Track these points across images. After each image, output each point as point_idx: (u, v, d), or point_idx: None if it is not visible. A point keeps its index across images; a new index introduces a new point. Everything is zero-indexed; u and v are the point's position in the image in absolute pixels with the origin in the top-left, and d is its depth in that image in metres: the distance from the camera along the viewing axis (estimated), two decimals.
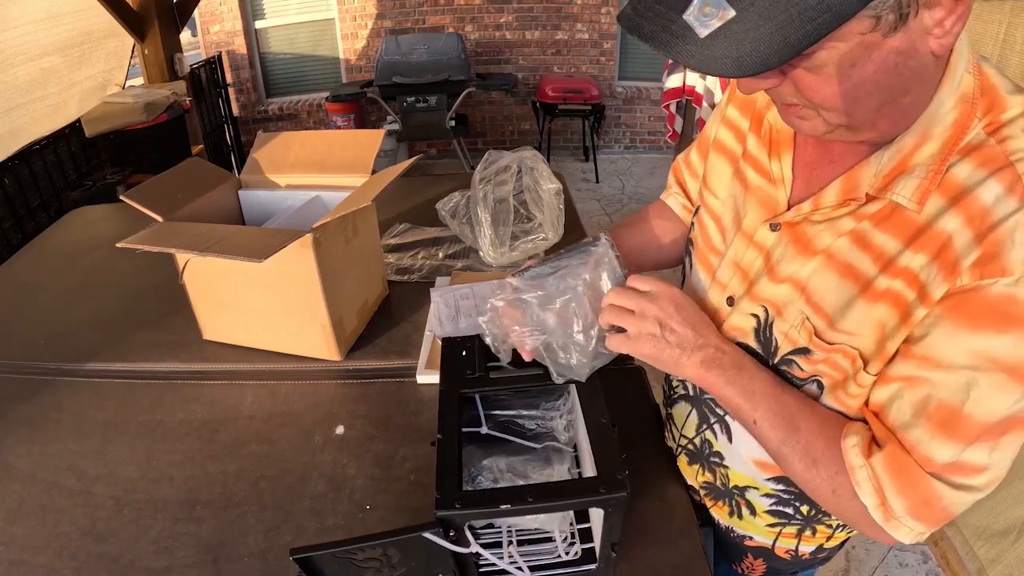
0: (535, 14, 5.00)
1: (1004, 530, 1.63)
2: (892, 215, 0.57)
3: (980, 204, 0.52)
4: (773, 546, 0.86)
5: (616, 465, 0.64)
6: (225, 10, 4.81)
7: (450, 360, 0.81)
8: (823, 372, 0.65)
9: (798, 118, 0.58)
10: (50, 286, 1.38)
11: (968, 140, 0.54)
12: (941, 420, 0.55)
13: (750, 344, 0.71)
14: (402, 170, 1.06)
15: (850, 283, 0.60)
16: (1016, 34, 1.46)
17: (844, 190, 0.60)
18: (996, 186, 0.51)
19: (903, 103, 0.53)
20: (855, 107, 0.52)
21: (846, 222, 0.61)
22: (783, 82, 0.53)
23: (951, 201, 0.53)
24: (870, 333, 0.59)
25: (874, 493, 0.59)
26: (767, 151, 0.70)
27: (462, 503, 0.61)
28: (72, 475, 0.90)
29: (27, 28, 2.55)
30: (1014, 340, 0.51)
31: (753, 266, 0.70)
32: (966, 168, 0.53)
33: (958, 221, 0.53)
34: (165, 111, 3.20)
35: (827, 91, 0.51)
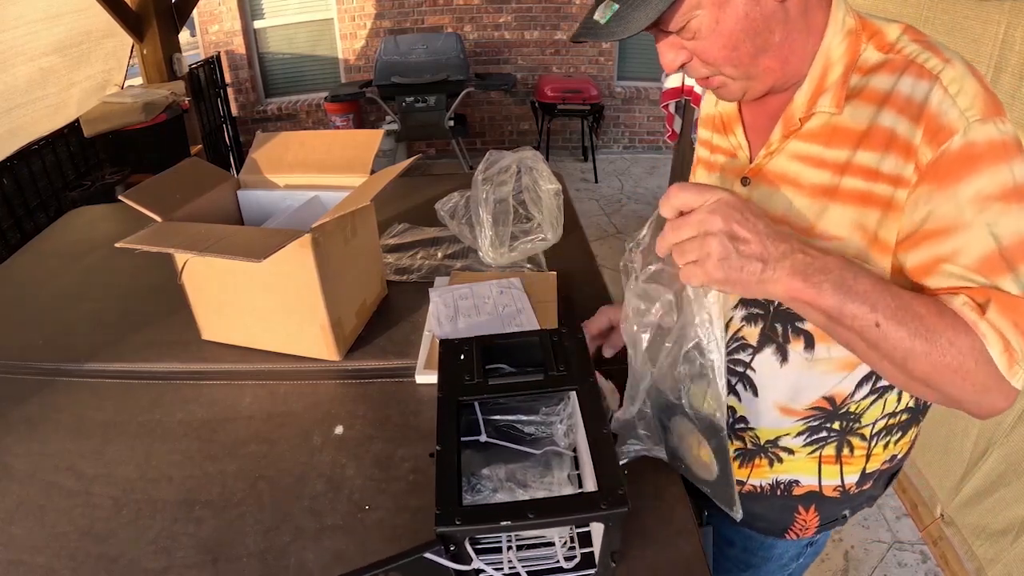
0: (534, 14, 5.00)
1: (1003, 529, 1.63)
2: (829, 131, 0.69)
3: (902, 96, 0.64)
4: (820, 486, 0.88)
5: (617, 479, 0.64)
6: (224, 10, 4.81)
7: (448, 365, 0.81)
8: None
9: (715, 87, 0.73)
10: (49, 286, 1.38)
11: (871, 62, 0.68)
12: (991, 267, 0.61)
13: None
14: (401, 170, 1.06)
15: (819, 197, 0.70)
16: (1015, 34, 1.47)
17: (784, 124, 0.73)
18: (908, 79, 0.65)
19: (776, 43, 0.67)
20: (737, 55, 0.67)
21: (794, 145, 0.73)
22: (691, 58, 0.69)
23: (880, 103, 0.66)
24: (851, 234, 0.68)
25: (998, 339, 0.60)
26: (725, 134, 0.84)
27: (462, 519, 0.61)
28: (71, 475, 0.90)
29: (26, 28, 2.54)
30: (988, 175, 0.61)
31: None
32: (880, 78, 0.67)
33: (891, 115, 0.65)
34: (164, 111, 3.20)
35: (713, 49, 0.67)
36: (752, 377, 0.83)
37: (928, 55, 0.65)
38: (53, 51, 2.79)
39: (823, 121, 0.70)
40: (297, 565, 0.77)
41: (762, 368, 0.82)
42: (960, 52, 0.67)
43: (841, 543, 1.96)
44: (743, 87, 0.71)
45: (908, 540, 1.97)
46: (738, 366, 0.84)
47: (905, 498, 2.06)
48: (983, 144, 0.61)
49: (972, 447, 1.72)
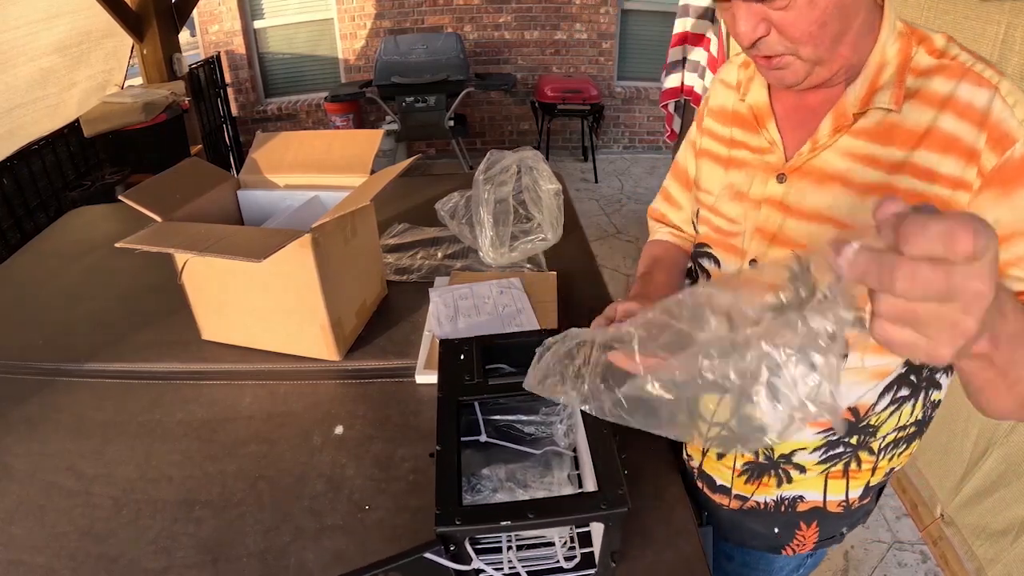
0: (534, 14, 5.00)
1: (1003, 529, 1.63)
2: (884, 128, 0.68)
3: (964, 101, 0.65)
4: (825, 502, 0.87)
5: (617, 480, 0.64)
6: (224, 10, 4.80)
7: (448, 365, 0.81)
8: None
9: (779, 68, 0.69)
10: (49, 286, 1.38)
11: (924, 65, 0.68)
12: None
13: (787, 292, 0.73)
14: (401, 170, 1.06)
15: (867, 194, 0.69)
16: (1015, 34, 1.47)
17: (835, 119, 0.71)
18: (967, 86, 0.65)
19: (855, 29, 0.66)
20: (822, 34, 0.64)
21: (845, 141, 0.71)
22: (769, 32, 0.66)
23: (940, 107, 0.66)
24: None
25: None
26: (752, 131, 0.80)
27: (462, 519, 0.61)
28: (71, 475, 0.90)
29: (26, 28, 2.54)
30: None
31: (769, 221, 0.77)
32: (938, 81, 0.66)
33: (953, 119, 0.65)
34: (164, 111, 3.20)
35: (801, 24, 0.64)
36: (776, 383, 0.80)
37: (983, 66, 0.66)
38: (53, 51, 2.79)
39: (878, 119, 0.69)
40: (297, 565, 0.77)
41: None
42: None
43: (841, 543, 1.96)
44: (808, 71, 0.68)
45: (908, 540, 1.97)
46: None
47: (905, 498, 2.06)
48: None
49: (972, 447, 1.72)
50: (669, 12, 3.61)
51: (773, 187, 0.76)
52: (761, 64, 0.71)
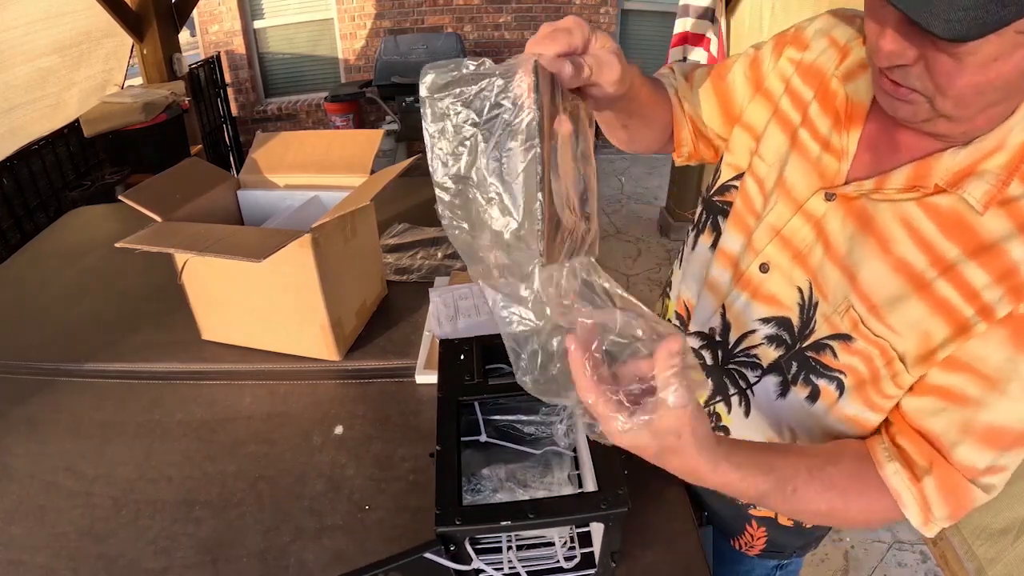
0: (534, 14, 5.00)
1: (1003, 529, 1.63)
2: (955, 219, 0.59)
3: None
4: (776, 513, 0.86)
5: (617, 480, 0.64)
6: (224, 10, 4.81)
7: (448, 365, 0.81)
8: (853, 367, 0.65)
9: (902, 100, 0.57)
10: (49, 286, 1.38)
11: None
12: (986, 436, 0.59)
13: (791, 317, 0.70)
14: (401, 170, 1.06)
15: (903, 279, 0.61)
16: None
17: (914, 176, 0.61)
18: None
19: (1012, 105, 0.56)
20: (976, 100, 0.54)
21: (909, 207, 0.62)
22: (914, 64, 0.54)
23: (1020, 227, 0.56)
24: (915, 337, 0.61)
25: (920, 512, 0.62)
26: (831, 121, 0.70)
27: (462, 519, 0.61)
28: (70, 475, 0.90)
29: (26, 28, 2.54)
30: None
31: (798, 235, 0.70)
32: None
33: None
34: (164, 111, 3.20)
35: (960, 79, 0.52)
36: (750, 397, 0.77)
37: None
38: (53, 51, 2.79)
39: (953, 203, 0.59)
40: (297, 565, 0.77)
41: (760, 394, 0.76)
42: None
43: (841, 543, 1.96)
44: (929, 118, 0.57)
45: (908, 540, 1.97)
46: (741, 380, 0.78)
47: None
48: None
49: None
50: (669, 12, 3.61)
51: (818, 202, 0.68)
52: (883, 84, 0.59)
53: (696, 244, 0.85)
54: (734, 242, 0.77)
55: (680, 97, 0.85)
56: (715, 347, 0.80)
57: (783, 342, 0.72)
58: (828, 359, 0.67)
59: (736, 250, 0.76)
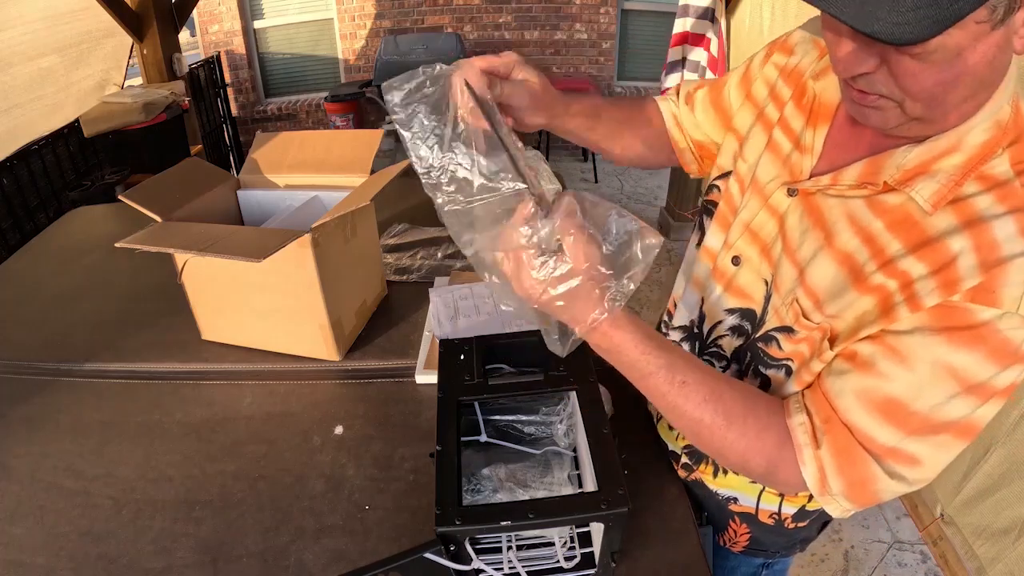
0: (534, 14, 5.00)
1: (1004, 529, 1.63)
2: (902, 217, 0.59)
3: (991, 236, 0.54)
4: (757, 508, 0.87)
5: (617, 480, 0.64)
6: (224, 10, 4.80)
7: (448, 365, 0.81)
8: (798, 353, 0.67)
9: (871, 107, 0.57)
10: (49, 286, 1.38)
11: (995, 174, 0.56)
12: (886, 409, 0.57)
13: (755, 309, 0.72)
14: (401, 170, 1.06)
15: (844, 271, 0.62)
16: None
17: (865, 172, 0.62)
18: (1011, 225, 0.53)
19: (979, 99, 0.55)
20: (946, 97, 0.53)
21: (856, 204, 0.62)
22: (879, 69, 0.53)
23: (964, 224, 0.55)
24: (850, 318, 0.62)
25: (816, 472, 0.61)
26: (804, 119, 0.71)
27: (462, 519, 0.61)
28: (70, 475, 0.90)
29: (25, 28, 2.54)
30: (979, 361, 0.54)
31: (764, 229, 0.72)
32: (987, 200, 0.55)
33: (967, 244, 0.54)
34: (164, 111, 3.19)
35: (927, 79, 0.51)
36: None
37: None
38: (52, 51, 2.79)
39: (903, 202, 0.59)
40: (297, 565, 0.77)
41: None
42: None
43: (841, 543, 1.96)
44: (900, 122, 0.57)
45: (908, 540, 1.97)
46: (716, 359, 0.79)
47: (905, 498, 2.06)
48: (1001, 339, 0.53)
49: (973, 446, 1.72)
50: (669, 12, 3.61)
51: (781, 197, 0.69)
52: (850, 94, 0.58)
53: (690, 245, 0.88)
54: (715, 239, 0.79)
55: (680, 123, 0.91)
56: (693, 339, 0.83)
57: (744, 332, 0.74)
58: (774, 350, 0.69)
59: (716, 246, 0.79)
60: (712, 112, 0.87)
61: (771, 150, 0.74)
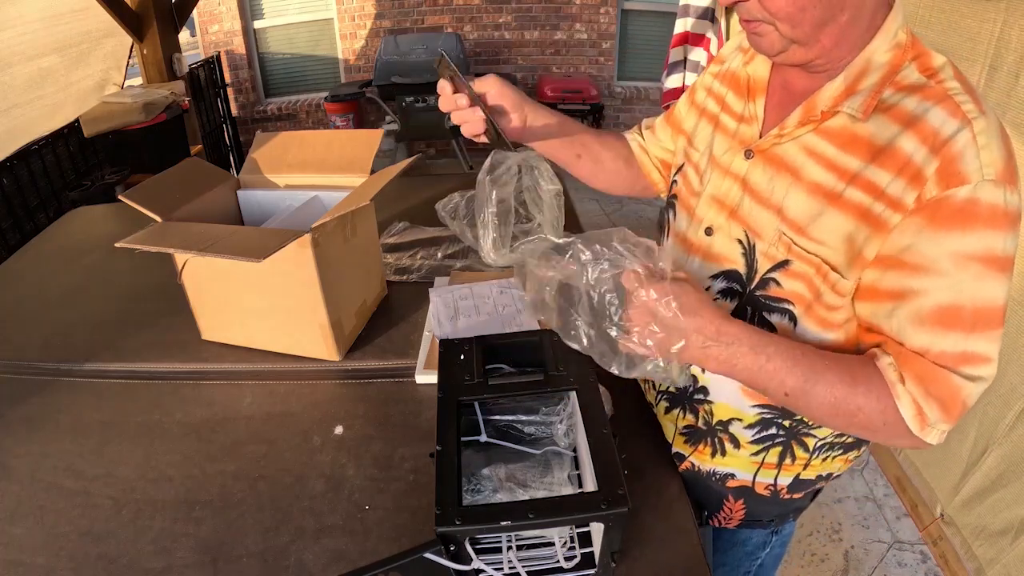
0: (534, 14, 5.00)
1: (1002, 530, 1.63)
2: (848, 135, 0.68)
3: (930, 126, 0.63)
4: (753, 482, 0.88)
5: (617, 480, 0.64)
6: (224, 10, 4.80)
7: (448, 365, 0.81)
8: (797, 294, 0.73)
9: (756, 35, 0.70)
10: (49, 286, 1.38)
11: (909, 81, 0.66)
12: (940, 319, 0.64)
13: (738, 268, 0.77)
14: (400, 169, 1.06)
15: (818, 197, 0.69)
16: (1011, 32, 1.47)
17: (804, 112, 0.71)
18: (941, 112, 0.63)
19: (841, 22, 0.65)
20: (803, 16, 0.64)
21: (809, 138, 0.71)
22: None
23: (904, 125, 0.65)
24: (839, 244, 0.69)
25: (911, 404, 0.66)
26: (744, 100, 0.81)
27: (462, 519, 0.61)
28: (70, 475, 0.90)
29: (25, 28, 2.54)
30: (982, 235, 0.61)
31: (730, 194, 0.78)
32: (913, 100, 0.65)
33: (913, 141, 0.64)
34: (164, 111, 3.19)
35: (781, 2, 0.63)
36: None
37: (966, 98, 0.63)
38: (52, 51, 2.79)
39: (843, 123, 0.69)
40: (297, 565, 0.77)
41: None
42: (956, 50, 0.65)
43: (841, 543, 1.96)
44: (783, 46, 0.68)
45: (908, 540, 1.97)
46: None
47: (905, 498, 2.06)
48: (986, 206, 0.61)
49: (971, 447, 1.72)
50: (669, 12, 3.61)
51: (740, 162, 0.78)
52: (743, 27, 0.72)
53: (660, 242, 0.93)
54: (682, 221, 0.87)
55: (645, 148, 1.05)
56: None
57: (735, 293, 0.79)
58: (774, 290, 0.75)
59: (684, 227, 0.86)
60: (668, 127, 1.01)
61: (720, 131, 0.84)
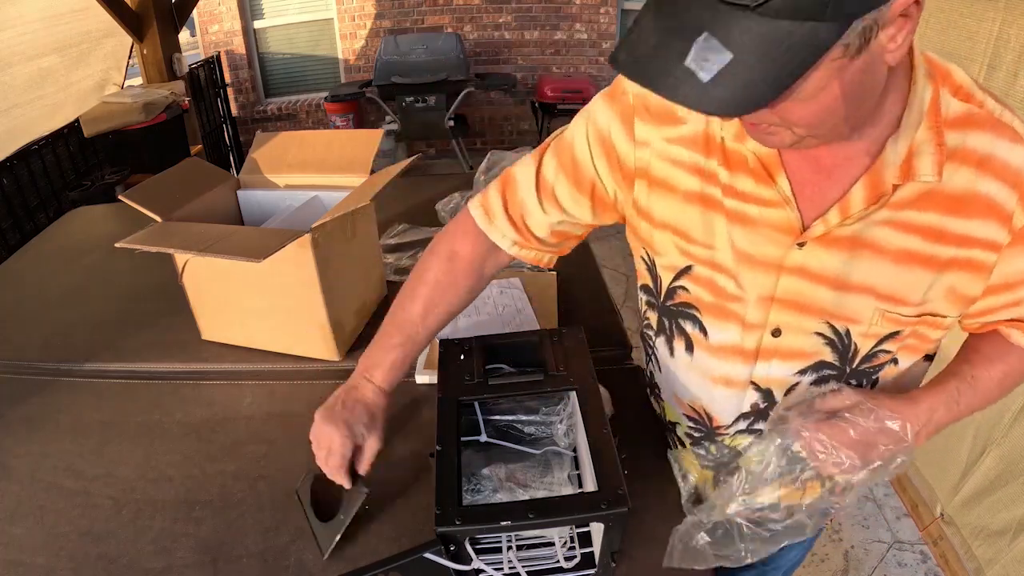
0: (534, 14, 5.00)
1: (1001, 530, 1.63)
2: (923, 195, 0.63)
3: (1001, 161, 0.61)
4: None
5: (617, 480, 0.64)
6: (224, 10, 4.80)
7: (448, 365, 0.81)
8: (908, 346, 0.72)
9: (765, 134, 0.60)
10: (49, 286, 1.38)
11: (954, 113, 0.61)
12: None
13: (826, 358, 0.73)
14: (400, 169, 1.06)
15: (910, 265, 0.65)
16: (1010, 31, 1.46)
17: (870, 189, 0.63)
18: (1003, 143, 0.61)
19: (865, 109, 0.59)
20: (824, 121, 0.56)
21: (882, 214, 0.64)
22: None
23: (978, 167, 0.61)
24: (942, 297, 0.67)
25: None
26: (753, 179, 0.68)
27: (462, 519, 0.61)
28: (70, 475, 0.90)
29: (25, 28, 2.54)
30: None
31: (792, 290, 0.70)
32: (975, 138, 0.61)
33: (992, 183, 0.61)
34: (164, 111, 3.19)
35: (800, 112, 0.54)
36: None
37: (1009, 115, 0.62)
38: (52, 51, 2.79)
39: (917, 188, 0.62)
40: (297, 565, 0.77)
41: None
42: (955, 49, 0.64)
43: (841, 543, 1.96)
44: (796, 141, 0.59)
45: (908, 540, 1.97)
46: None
47: (905, 498, 2.06)
48: None
49: (970, 447, 1.72)
50: None
51: (794, 255, 0.68)
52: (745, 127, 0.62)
53: (673, 351, 0.83)
54: (730, 333, 0.75)
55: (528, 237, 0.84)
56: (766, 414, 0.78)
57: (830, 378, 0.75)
58: (882, 358, 0.73)
59: (736, 339, 0.75)
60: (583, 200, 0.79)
61: (738, 222, 0.70)
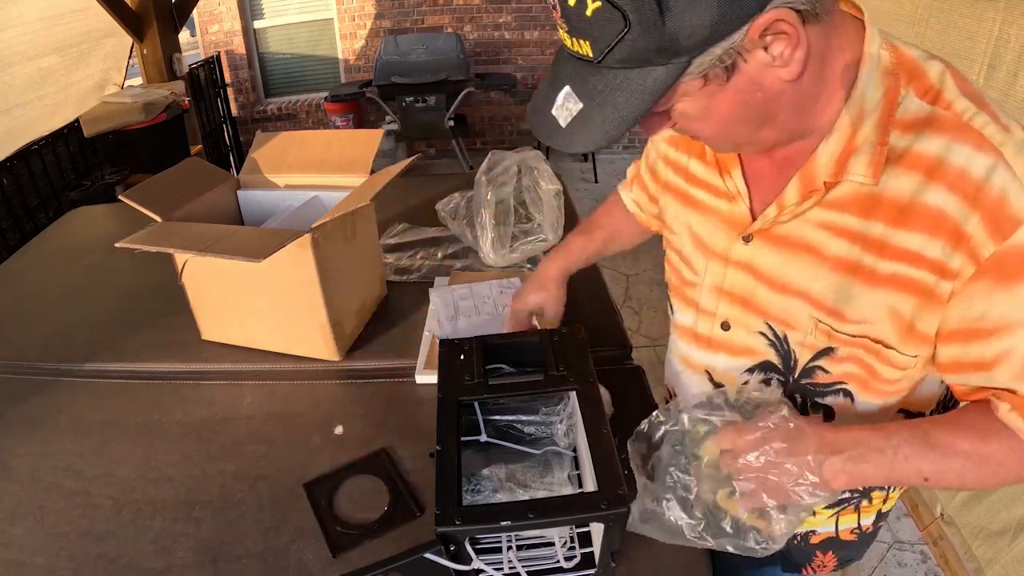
0: (534, 14, 5.00)
1: (1000, 530, 1.63)
2: (862, 199, 0.59)
3: (956, 169, 0.53)
4: (837, 532, 0.86)
5: (617, 480, 0.64)
6: (224, 10, 4.80)
7: (448, 365, 0.81)
8: (849, 374, 0.67)
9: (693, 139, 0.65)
10: (49, 286, 1.38)
11: (912, 115, 0.56)
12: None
13: (772, 360, 0.72)
14: (400, 169, 1.06)
15: (847, 275, 0.61)
16: (1010, 31, 1.46)
17: (803, 184, 0.62)
18: (963, 148, 0.53)
19: (780, 118, 0.57)
20: (731, 135, 0.59)
21: (815, 213, 0.62)
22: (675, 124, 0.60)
23: (927, 174, 0.55)
24: (883, 319, 0.61)
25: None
26: (717, 171, 0.72)
27: (462, 519, 0.61)
28: (70, 475, 0.90)
29: (25, 28, 2.54)
30: None
31: (738, 284, 0.72)
32: (926, 140, 0.55)
33: (940, 192, 0.54)
34: (164, 111, 3.19)
35: (699, 127, 0.59)
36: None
37: (984, 118, 0.54)
38: (52, 51, 2.79)
39: (854, 188, 0.59)
40: (297, 565, 0.77)
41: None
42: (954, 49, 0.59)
43: None
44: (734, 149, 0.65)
45: (908, 540, 1.97)
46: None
47: (905, 498, 2.06)
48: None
49: None
50: None
51: (740, 248, 0.69)
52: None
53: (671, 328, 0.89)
54: (685, 315, 0.80)
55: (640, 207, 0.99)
56: None
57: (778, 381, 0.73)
58: (822, 377, 0.69)
59: (690, 321, 0.79)
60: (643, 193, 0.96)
61: (696, 209, 0.75)
